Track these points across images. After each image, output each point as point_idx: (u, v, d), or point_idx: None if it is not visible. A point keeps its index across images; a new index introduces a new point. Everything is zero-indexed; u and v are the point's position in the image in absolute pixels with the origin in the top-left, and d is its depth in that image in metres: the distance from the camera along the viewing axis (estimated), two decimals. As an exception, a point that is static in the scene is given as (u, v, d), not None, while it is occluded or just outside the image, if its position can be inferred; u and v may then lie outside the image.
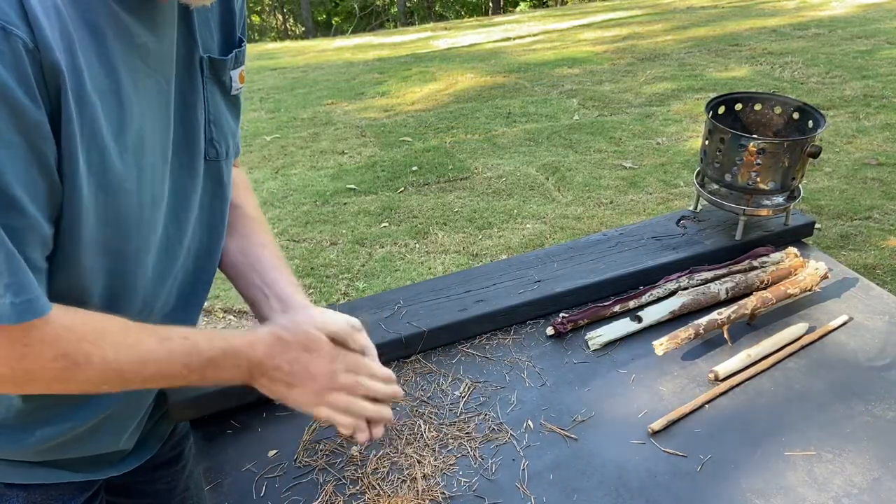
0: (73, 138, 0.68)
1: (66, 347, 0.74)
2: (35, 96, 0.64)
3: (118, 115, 0.73)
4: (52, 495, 0.97)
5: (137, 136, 0.76)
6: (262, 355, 0.87)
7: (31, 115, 0.64)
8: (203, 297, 1.03)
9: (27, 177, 0.66)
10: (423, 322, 1.30)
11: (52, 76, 0.65)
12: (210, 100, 0.90)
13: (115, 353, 0.77)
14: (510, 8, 18.07)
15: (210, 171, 0.94)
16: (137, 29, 0.75)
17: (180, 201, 0.89)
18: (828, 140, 4.67)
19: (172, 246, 0.90)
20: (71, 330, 0.74)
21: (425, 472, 1.05)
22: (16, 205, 0.65)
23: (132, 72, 0.75)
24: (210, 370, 0.84)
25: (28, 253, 0.69)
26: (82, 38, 0.68)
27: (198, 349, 0.83)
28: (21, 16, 0.62)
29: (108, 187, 0.74)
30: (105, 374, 0.77)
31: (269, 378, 0.89)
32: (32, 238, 0.69)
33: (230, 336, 0.87)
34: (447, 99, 6.10)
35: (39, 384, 0.76)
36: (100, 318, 0.78)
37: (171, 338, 0.82)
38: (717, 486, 1.03)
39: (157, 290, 0.91)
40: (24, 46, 0.62)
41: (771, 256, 1.45)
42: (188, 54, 0.85)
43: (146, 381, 0.82)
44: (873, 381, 1.21)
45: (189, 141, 0.88)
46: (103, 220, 0.75)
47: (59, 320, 0.73)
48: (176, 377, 0.82)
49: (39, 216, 0.69)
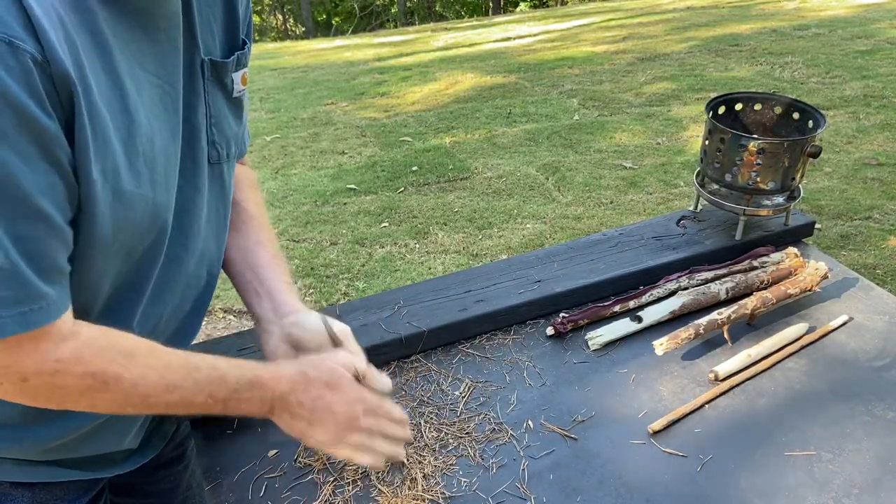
0: (87, 146, 0.69)
1: (96, 366, 0.75)
2: (46, 108, 0.64)
3: (126, 124, 0.74)
4: (57, 494, 0.97)
5: (148, 143, 0.77)
6: (287, 390, 0.88)
7: (44, 125, 0.64)
8: (209, 300, 1.04)
9: (47, 184, 0.66)
10: (423, 322, 1.30)
11: (63, 86, 0.65)
12: (211, 102, 0.90)
13: (144, 377, 0.78)
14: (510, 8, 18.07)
15: (213, 174, 0.94)
16: (139, 35, 0.75)
17: (185, 206, 0.89)
18: (828, 140, 4.67)
19: (176, 250, 0.90)
20: (102, 349, 0.76)
21: (425, 472, 1.05)
22: (40, 214, 0.66)
23: (135, 79, 0.75)
24: (233, 402, 0.85)
25: (54, 259, 0.70)
26: (86, 47, 0.69)
27: (225, 381, 0.84)
28: (27, 29, 0.62)
29: (124, 195, 0.75)
30: (130, 398, 0.78)
31: (291, 414, 0.89)
32: (57, 244, 0.70)
33: (258, 368, 0.88)
34: (447, 99, 6.10)
35: (67, 400, 0.76)
36: (130, 340, 0.79)
37: (200, 368, 0.83)
38: (717, 486, 1.03)
39: (164, 295, 0.91)
40: (33, 59, 0.62)
41: (771, 256, 1.45)
42: (189, 57, 0.85)
43: (170, 407, 0.83)
44: (873, 381, 1.21)
45: (192, 145, 0.88)
46: (117, 227, 0.76)
47: (92, 338, 0.75)
48: (199, 406, 0.84)
49: (62, 221, 0.69)
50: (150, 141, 0.77)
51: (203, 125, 0.89)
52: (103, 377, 0.75)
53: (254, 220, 1.08)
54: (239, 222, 1.06)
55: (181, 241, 0.90)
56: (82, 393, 0.76)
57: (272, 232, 1.10)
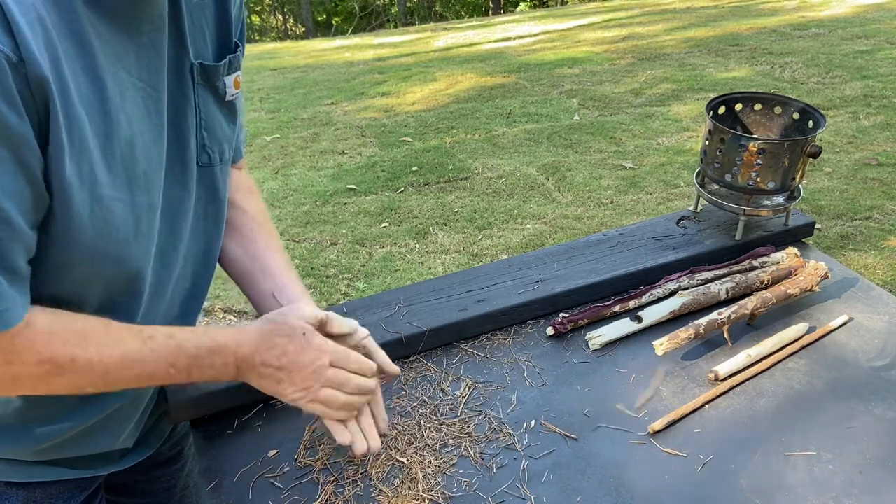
0: (62, 149, 0.68)
1: (50, 352, 0.75)
2: (19, 109, 0.64)
3: (104, 126, 0.73)
4: (52, 493, 0.97)
5: (127, 146, 0.76)
6: (249, 351, 0.88)
7: (14, 127, 0.64)
8: (201, 302, 1.04)
9: (14, 187, 0.66)
10: (423, 322, 1.30)
11: (38, 88, 0.65)
12: (202, 106, 0.89)
13: (99, 354, 0.78)
14: (510, 8, 18.07)
15: (203, 177, 0.93)
16: (123, 38, 0.74)
17: (173, 209, 0.89)
18: (828, 140, 4.67)
19: (167, 253, 0.90)
20: (54, 334, 0.75)
21: (425, 472, 1.05)
22: (2, 215, 0.66)
23: (118, 82, 0.74)
24: (196, 369, 0.85)
25: (14, 261, 0.70)
26: (67, 49, 0.68)
27: (183, 348, 0.83)
28: (4, 29, 0.62)
29: (100, 197, 0.74)
30: (89, 376, 0.78)
31: (258, 374, 0.89)
32: (18, 247, 0.70)
33: (216, 333, 0.87)
34: (447, 99, 6.10)
35: (24, 387, 0.77)
36: (82, 320, 0.79)
37: (155, 337, 0.82)
38: (717, 486, 1.03)
39: (155, 299, 0.91)
40: (8, 60, 0.62)
41: (771, 256, 1.45)
42: (178, 61, 0.84)
43: (131, 382, 0.82)
44: (873, 381, 1.21)
45: (180, 148, 0.88)
46: (98, 229, 0.76)
47: (43, 325, 0.74)
48: (162, 377, 0.83)
49: (25, 225, 0.69)
50: (130, 143, 0.77)
51: (192, 128, 0.89)
52: (58, 362, 0.75)
53: (262, 227, 1.08)
54: (247, 230, 1.06)
55: (172, 243, 0.90)
56: (39, 379, 0.76)
57: (278, 238, 1.11)
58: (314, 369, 0.90)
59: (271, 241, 1.07)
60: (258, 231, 1.07)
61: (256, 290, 1.04)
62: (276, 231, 1.11)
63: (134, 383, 0.83)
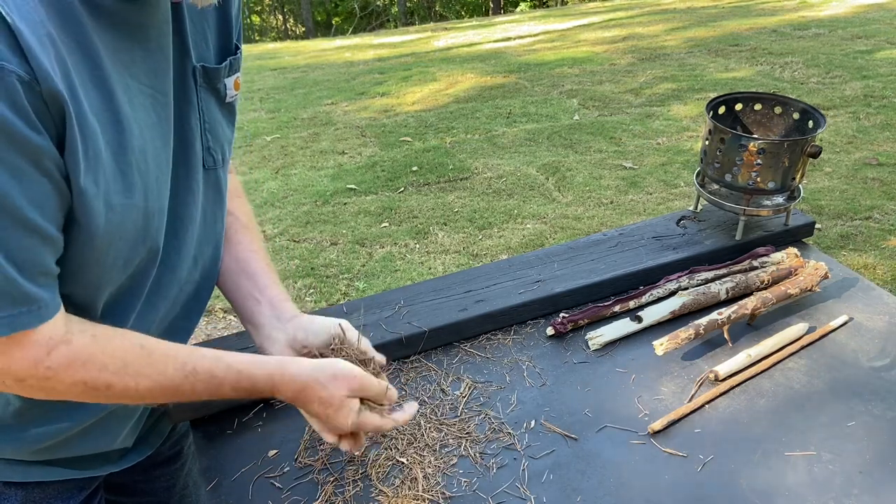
0: (78, 160, 0.70)
1: (87, 375, 0.77)
2: (35, 125, 0.65)
3: (117, 136, 0.74)
4: (51, 493, 0.97)
5: (140, 153, 0.77)
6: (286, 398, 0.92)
7: (34, 141, 0.65)
8: (204, 304, 1.04)
9: (40, 195, 0.68)
10: (423, 322, 1.30)
11: (54, 103, 0.66)
12: (205, 108, 0.90)
13: (136, 384, 0.81)
14: (510, 8, 18.06)
15: (209, 180, 0.94)
16: (129, 45, 0.75)
17: (180, 212, 0.89)
18: (828, 140, 4.67)
19: (170, 257, 0.90)
20: (93, 357, 0.77)
21: (426, 472, 1.05)
22: (30, 224, 0.68)
23: (127, 90, 0.75)
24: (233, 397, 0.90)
25: (44, 265, 0.72)
26: (76, 62, 0.69)
27: (222, 387, 0.87)
28: (14, 49, 0.63)
29: (114, 206, 0.76)
30: (125, 398, 0.82)
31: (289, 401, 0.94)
32: (48, 250, 0.72)
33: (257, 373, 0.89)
34: (447, 99, 6.10)
35: (66, 398, 0.79)
36: (122, 342, 0.80)
37: (197, 372, 0.85)
38: (717, 486, 1.03)
39: (157, 299, 0.91)
40: (19, 79, 0.63)
41: (771, 256, 1.45)
42: (181, 64, 0.85)
43: (167, 401, 0.87)
44: (873, 381, 1.21)
45: (186, 151, 0.88)
46: (110, 234, 0.77)
47: (82, 346, 0.76)
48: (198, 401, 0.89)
49: (54, 230, 0.71)
50: (143, 151, 0.78)
51: (197, 131, 0.90)
52: (94, 384, 0.78)
53: (246, 229, 1.10)
54: (232, 232, 1.07)
55: (175, 246, 0.91)
56: (76, 396, 0.79)
57: (263, 241, 1.12)
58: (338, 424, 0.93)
59: (255, 244, 1.09)
60: (242, 233, 1.09)
61: (238, 291, 1.06)
62: (260, 234, 1.13)
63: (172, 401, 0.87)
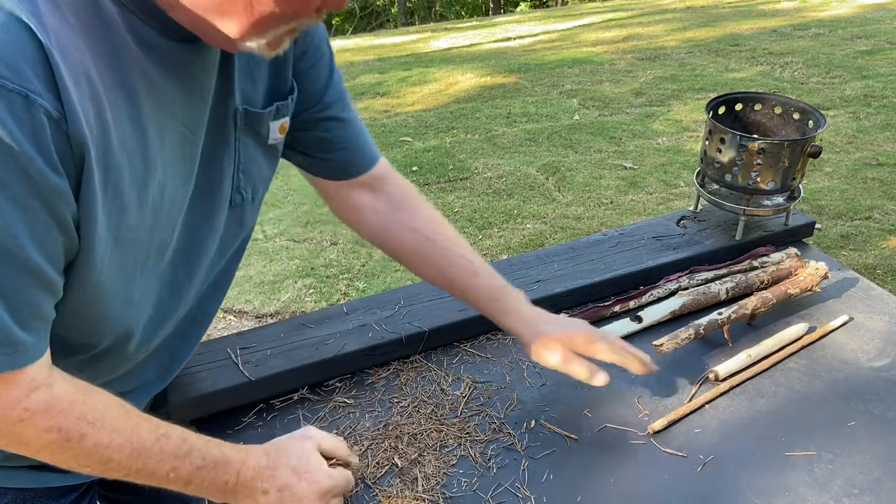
0: (95, 200, 0.69)
1: (64, 421, 0.74)
2: (55, 165, 0.64)
3: (143, 171, 0.74)
4: (42, 493, 0.97)
5: (159, 190, 0.77)
6: (252, 476, 0.88)
7: (50, 181, 0.64)
8: (205, 329, 1.04)
9: (46, 236, 0.66)
10: (423, 322, 1.30)
11: (77, 145, 0.65)
12: (241, 150, 0.89)
13: (109, 438, 0.76)
14: (510, 8, 18.06)
15: (233, 216, 0.93)
16: (172, 84, 0.74)
17: (194, 245, 0.88)
18: (828, 140, 4.67)
19: (180, 286, 0.90)
20: (73, 404, 0.74)
21: (425, 472, 1.05)
22: (30, 264, 0.66)
23: (160, 128, 0.75)
24: (196, 481, 0.84)
25: (39, 307, 0.70)
26: (115, 100, 0.68)
27: (191, 455, 0.83)
28: (48, 84, 0.61)
29: (124, 241, 0.75)
30: (92, 458, 0.77)
31: (255, 502, 0.88)
32: (45, 293, 0.70)
33: (226, 447, 0.87)
34: (447, 99, 6.10)
35: (29, 450, 0.75)
36: (103, 401, 0.78)
37: (170, 436, 0.81)
38: (717, 486, 1.03)
39: (157, 329, 0.91)
40: (47, 115, 0.61)
41: (771, 256, 1.45)
42: (223, 105, 0.84)
43: (129, 475, 0.80)
44: (873, 381, 1.21)
45: (211, 189, 0.87)
46: (116, 267, 0.76)
47: (63, 392, 0.74)
48: (160, 478, 0.81)
49: (54, 273, 0.70)
50: (162, 187, 0.77)
51: (229, 171, 0.88)
52: (67, 433, 0.74)
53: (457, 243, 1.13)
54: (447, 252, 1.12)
55: (186, 275, 0.90)
56: (44, 446, 0.74)
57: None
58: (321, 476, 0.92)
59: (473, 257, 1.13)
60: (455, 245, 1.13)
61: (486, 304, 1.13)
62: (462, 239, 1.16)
63: (132, 477, 0.81)
